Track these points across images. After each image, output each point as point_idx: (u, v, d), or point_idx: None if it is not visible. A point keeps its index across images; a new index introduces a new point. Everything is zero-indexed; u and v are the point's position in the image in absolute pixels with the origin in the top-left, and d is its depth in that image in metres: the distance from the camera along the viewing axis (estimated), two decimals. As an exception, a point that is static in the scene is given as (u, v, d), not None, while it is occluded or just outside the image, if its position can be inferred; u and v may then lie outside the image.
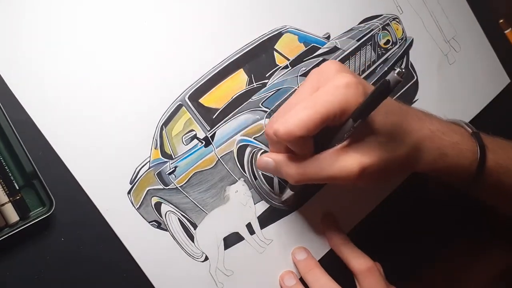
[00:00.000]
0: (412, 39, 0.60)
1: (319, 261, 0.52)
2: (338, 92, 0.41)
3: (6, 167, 0.41)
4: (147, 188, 0.46)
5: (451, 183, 0.50)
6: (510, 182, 0.50)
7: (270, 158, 0.46)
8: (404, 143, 0.44)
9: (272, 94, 0.51)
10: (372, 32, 0.57)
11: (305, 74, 0.52)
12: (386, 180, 0.46)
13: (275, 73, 0.52)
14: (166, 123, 0.47)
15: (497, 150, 0.50)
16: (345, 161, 0.42)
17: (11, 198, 0.41)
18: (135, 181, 0.45)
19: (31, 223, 0.41)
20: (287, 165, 0.44)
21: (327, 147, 0.43)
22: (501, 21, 0.68)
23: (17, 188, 0.41)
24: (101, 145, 0.44)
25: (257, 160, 0.48)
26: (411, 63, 0.60)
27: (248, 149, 0.50)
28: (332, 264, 0.52)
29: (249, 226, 0.49)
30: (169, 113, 0.47)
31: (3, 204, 0.40)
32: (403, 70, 0.38)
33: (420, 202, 0.58)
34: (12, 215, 0.41)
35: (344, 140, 0.42)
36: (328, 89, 0.41)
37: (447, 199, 0.54)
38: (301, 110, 0.41)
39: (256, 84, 0.51)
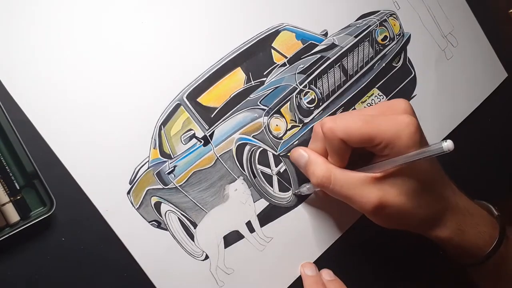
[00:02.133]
0: (410, 34, 0.60)
1: (318, 258, 0.52)
2: (397, 125, 0.42)
3: (6, 167, 0.41)
4: (147, 188, 0.46)
5: (459, 259, 0.50)
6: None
7: (306, 153, 0.47)
8: (431, 203, 0.45)
9: (270, 92, 0.51)
10: (369, 29, 0.56)
11: (303, 72, 0.52)
12: (397, 227, 0.47)
13: (273, 71, 0.52)
14: (164, 122, 0.47)
15: None
16: (369, 190, 0.43)
17: (11, 198, 0.41)
18: (135, 181, 0.45)
19: (31, 223, 0.41)
20: (318, 165, 0.45)
21: (361, 169, 0.44)
22: (511, 11, 0.68)
23: (18, 188, 0.41)
24: (100, 145, 0.44)
25: (292, 151, 0.49)
26: (408, 58, 0.60)
27: (247, 148, 0.50)
28: (332, 263, 0.52)
29: (249, 224, 0.49)
30: (167, 113, 0.47)
31: (3, 204, 0.41)
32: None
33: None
34: (13, 215, 0.41)
35: (379, 171, 0.43)
36: (390, 118, 0.43)
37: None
38: (355, 117, 0.42)
39: (254, 82, 0.51)
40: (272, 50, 0.52)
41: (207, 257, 0.48)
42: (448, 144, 0.38)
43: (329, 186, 0.45)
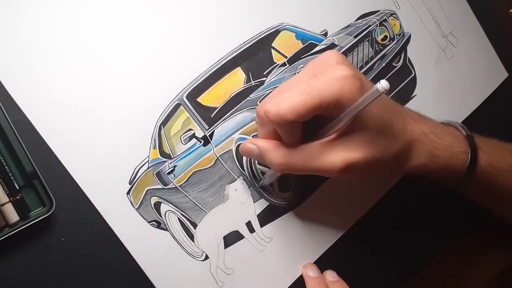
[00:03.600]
0: (410, 34, 0.60)
1: (318, 259, 0.52)
2: (335, 83, 0.40)
3: (6, 167, 0.41)
4: (146, 188, 0.46)
5: (441, 182, 0.50)
6: (502, 183, 0.50)
7: (255, 145, 0.45)
8: (394, 143, 0.44)
9: (270, 92, 0.51)
10: (369, 28, 0.56)
11: (303, 72, 0.52)
12: (373, 177, 0.45)
13: (273, 71, 0.52)
14: (164, 122, 0.47)
15: (491, 151, 0.50)
16: (330, 154, 0.42)
17: (11, 198, 0.41)
18: (134, 181, 0.45)
19: (31, 223, 0.41)
20: (272, 153, 0.44)
21: (314, 137, 0.43)
22: (511, 11, 0.68)
23: (17, 188, 0.41)
24: (100, 145, 0.44)
25: (241, 146, 0.47)
26: (409, 58, 0.60)
27: (247, 147, 0.50)
28: (332, 264, 0.52)
29: (249, 225, 0.49)
30: (167, 113, 0.47)
31: (3, 204, 0.41)
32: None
33: (418, 201, 0.58)
34: (12, 215, 0.41)
35: (332, 133, 0.42)
36: (326, 78, 0.41)
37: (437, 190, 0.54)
38: (296, 95, 0.40)
39: (254, 82, 0.51)
40: (272, 50, 0.52)
41: (207, 257, 0.47)
42: (383, 85, 0.36)
43: (290, 168, 0.43)
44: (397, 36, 0.59)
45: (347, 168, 0.42)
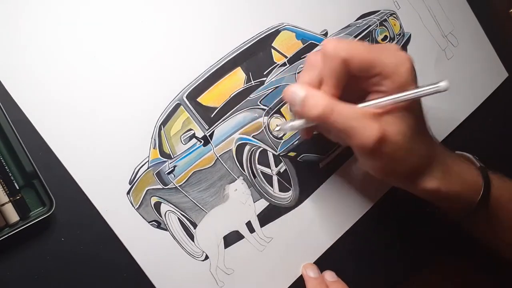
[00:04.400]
0: (410, 34, 0.60)
1: (318, 259, 0.52)
2: (397, 58, 0.42)
3: (6, 167, 0.41)
4: (146, 188, 0.46)
5: (448, 212, 0.50)
6: (506, 221, 0.51)
7: (301, 88, 0.43)
8: (421, 149, 0.44)
9: (270, 91, 0.51)
10: (369, 28, 0.56)
11: (303, 71, 0.52)
12: (388, 174, 0.45)
13: (273, 71, 0.52)
14: (164, 122, 0.47)
15: (502, 187, 0.50)
16: (371, 123, 0.41)
17: (11, 198, 0.41)
18: (134, 181, 0.45)
19: (31, 223, 0.41)
20: (318, 97, 0.42)
21: (366, 104, 0.43)
22: (511, 10, 0.68)
23: (17, 188, 0.41)
24: (100, 145, 0.44)
25: (285, 90, 0.45)
26: (409, 58, 0.60)
27: (247, 148, 0.50)
28: (332, 264, 0.52)
29: (249, 225, 0.49)
30: (167, 113, 0.47)
31: (3, 204, 0.41)
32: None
33: (419, 201, 0.58)
34: (12, 215, 0.41)
35: (380, 107, 0.42)
36: (390, 52, 0.43)
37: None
38: (357, 44, 0.43)
39: (254, 82, 0.51)
40: (272, 50, 0.52)
41: (207, 257, 0.47)
42: (446, 83, 0.39)
43: (331, 116, 0.42)
44: (397, 36, 0.59)
45: (380, 142, 0.41)
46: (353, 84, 0.43)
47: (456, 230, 0.59)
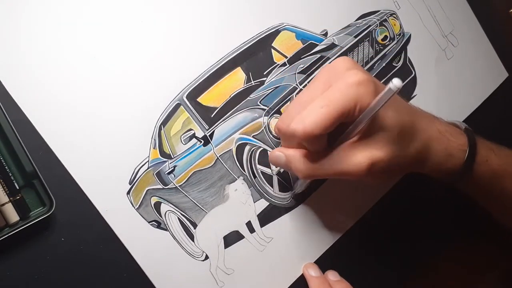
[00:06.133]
0: (410, 34, 0.60)
1: (318, 259, 0.52)
2: (351, 89, 0.41)
3: (6, 167, 0.41)
4: (147, 188, 0.46)
5: (441, 179, 0.51)
6: (507, 185, 0.51)
7: (282, 153, 0.46)
8: (413, 142, 0.45)
9: (270, 92, 0.51)
10: (369, 28, 0.56)
11: (303, 71, 0.52)
12: (393, 177, 0.47)
13: (273, 71, 0.52)
14: (164, 122, 0.47)
15: (503, 156, 0.51)
16: (355, 156, 0.42)
17: (11, 198, 0.41)
18: (134, 181, 0.45)
19: (31, 223, 0.41)
20: (299, 161, 0.44)
21: (337, 141, 0.44)
22: (511, 10, 0.68)
23: (17, 188, 0.41)
24: (100, 145, 0.44)
25: (269, 154, 0.49)
26: (409, 58, 0.60)
27: (247, 148, 0.50)
28: (332, 264, 0.52)
29: (249, 225, 0.49)
30: (167, 113, 0.47)
31: (3, 204, 0.41)
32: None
33: (419, 201, 0.58)
34: (12, 215, 0.41)
35: (353, 136, 0.43)
36: (341, 86, 0.41)
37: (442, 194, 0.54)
38: (317, 109, 0.41)
39: (254, 82, 0.51)
40: (272, 50, 0.52)
41: (207, 257, 0.47)
42: (395, 83, 0.36)
43: (317, 174, 0.44)
44: (397, 36, 0.59)
45: (372, 167, 0.42)
46: None
47: (458, 233, 0.59)
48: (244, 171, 0.50)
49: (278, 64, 0.52)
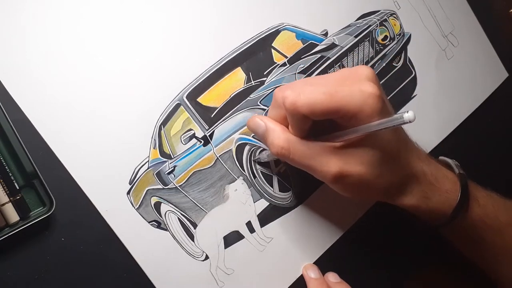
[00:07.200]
0: (410, 34, 0.60)
1: (318, 259, 0.52)
2: (359, 96, 0.41)
3: (6, 167, 0.41)
4: (147, 188, 0.46)
5: (427, 221, 0.50)
6: (487, 239, 0.50)
7: (263, 122, 0.45)
8: (392, 173, 0.44)
9: (271, 92, 0.51)
10: (369, 28, 0.56)
11: (303, 72, 0.52)
12: (360, 196, 0.46)
13: (273, 71, 0.52)
14: (164, 122, 0.47)
15: (488, 206, 0.50)
16: (329, 159, 0.42)
17: (11, 198, 0.41)
18: (134, 181, 0.45)
19: (31, 223, 0.41)
20: (277, 136, 0.44)
21: (319, 138, 0.43)
22: (511, 10, 0.68)
23: (17, 188, 0.41)
24: (100, 145, 0.44)
25: (249, 120, 0.47)
26: (409, 58, 0.60)
27: (247, 148, 0.50)
28: (332, 264, 0.52)
29: (249, 225, 0.49)
30: (167, 113, 0.47)
31: (3, 204, 0.41)
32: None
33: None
34: (12, 215, 0.41)
35: (339, 141, 0.42)
36: (353, 89, 0.41)
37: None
38: (318, 93, 0.40)
39: (254, 82, 0.51)
40: (272, 50, 0.52)
41: (207, 257, 0.47)
42: (410, 115, 0.36)
43: (288, 156, 0.44)
44: (397, 36, 0.59)
45: (339, 177, 0.42)
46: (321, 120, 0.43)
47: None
48: (244, 171, 0.50)
49: (278, 64, 0.52)
